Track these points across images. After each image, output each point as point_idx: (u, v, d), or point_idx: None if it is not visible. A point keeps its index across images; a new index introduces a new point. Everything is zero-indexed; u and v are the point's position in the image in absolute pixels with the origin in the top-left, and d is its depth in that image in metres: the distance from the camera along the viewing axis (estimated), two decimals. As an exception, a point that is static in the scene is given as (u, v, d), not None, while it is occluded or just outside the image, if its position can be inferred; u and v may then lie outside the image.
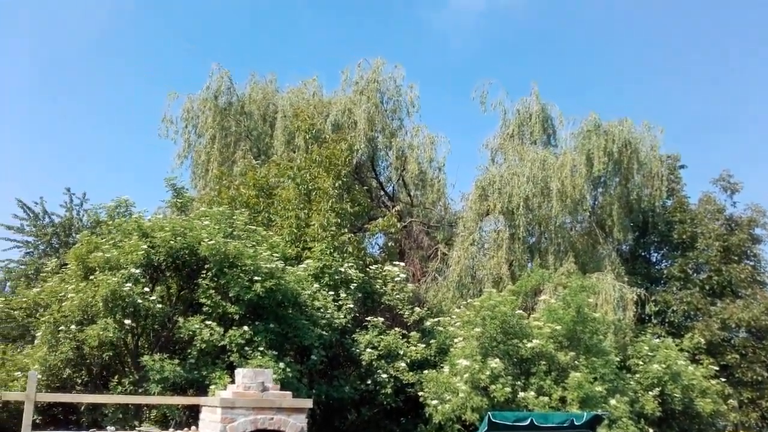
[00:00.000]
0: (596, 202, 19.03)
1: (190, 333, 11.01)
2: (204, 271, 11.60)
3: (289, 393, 8.25)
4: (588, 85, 52.27)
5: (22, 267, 22.16)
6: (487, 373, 11.82)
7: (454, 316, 14.32)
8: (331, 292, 13.62)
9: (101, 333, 10.43)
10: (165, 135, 19.61)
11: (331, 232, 14.66)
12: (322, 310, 12.97)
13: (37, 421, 11.58)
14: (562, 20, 52.73)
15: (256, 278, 11.47)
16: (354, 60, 20.23)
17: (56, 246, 22.30)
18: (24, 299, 12.50)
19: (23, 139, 60.18)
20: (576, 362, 12.34)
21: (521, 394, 11.78)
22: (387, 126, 19.22)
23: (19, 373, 11.66)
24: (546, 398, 11.69)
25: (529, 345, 12.16)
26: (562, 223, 17.37)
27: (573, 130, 18.57)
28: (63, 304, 11.20)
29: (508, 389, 11.58)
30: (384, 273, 15.18)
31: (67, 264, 12.80)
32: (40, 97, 57.43)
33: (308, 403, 8.24)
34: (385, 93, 19.32)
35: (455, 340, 13.39)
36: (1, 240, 22.46)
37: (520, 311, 13.00)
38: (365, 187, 19.12)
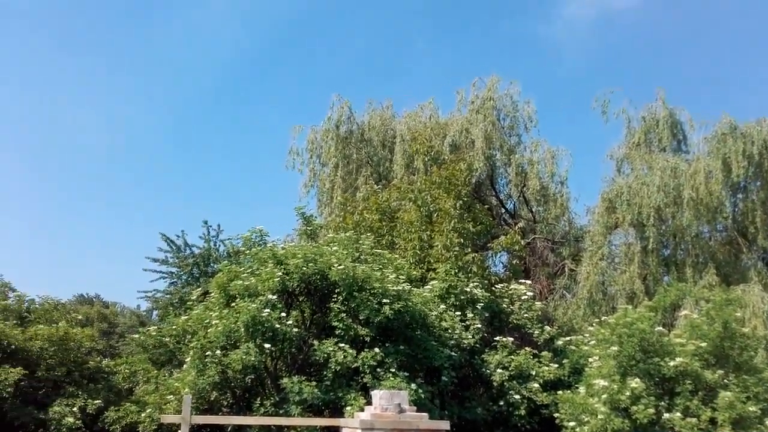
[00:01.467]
0: (736, 209, 17.71)
1: (325, 355, 11.35)
2: (335, 295, 11.96)
3: (425, 414, 8.32)
4: (716, 86, 49.17)
5: (167, 296, 23.88)
6: (627, 393, 11.26)
7: (586, 335, 13.83)
8: (458, 313, 13.60)
9: (244, 357, 10.99)
10: (291, 166, 20.66)
11: (455, 252, 14.68)
12: (449, 331, 12.98)
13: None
14: (679, 20, 50.19)
15: (384, 301, 11.68)
16: (468, 80, 20.38)
17: (197, 275, 23.84)
18: (174, 326, 13.47)
19: (164, 178, 65.24)
20: (725, 381, 11.48)
21: (666, 416, 11.09)
22: (505, 143, 19.09)
23: (171, 396, 12.53)
24: (694, 419, 10.92)
25: (672, 363, 11.45)
26: (699, 233, 16.35)
27: (705, 134, 17.46)
28: (208, 330, 11.92)
29: (651, 410, 10.96)
30: (510, 291, 14.97)
31: (210, 292, 13.67)
32: (175, 140, 62.13)
33: (446, 425, 8.25)
34: (501, 110, 19.24)
35: (590, 360, 12.91)
36: (149, 272, 24.39)
37: (660, 328, 12.33)
38: (486, 206, 19.01)
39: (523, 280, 15.62)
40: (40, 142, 69.46)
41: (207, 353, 11.68)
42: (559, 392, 12.73)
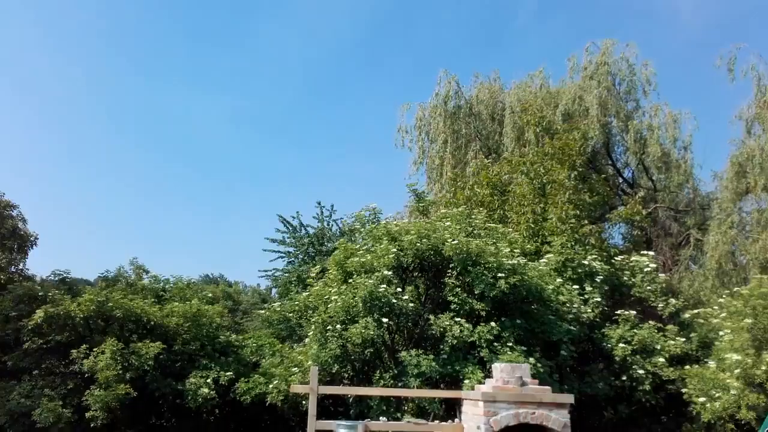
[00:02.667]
0: None
1: (441, 329, 11.44)
2: (449, 270, 12.00)
3: (548, 388, 8.22)
4: None
5: (286, 275, 24.89)
6: (763, 368, 10.60)
7: (715, 307, 13.09)
8: (576, 286, 13.26)
9: (363, 331, 11.30)
10: (400, 144, 20.83)
11: (571, 225, 14.27)
12: (567, 305, 12.69)
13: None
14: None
15: (499, 275, 11.58)
16: (580, 45, 19.60)
17: (312, 254, 24.67)
18: (296, 303, 14.05)
19: (279, 162, 67.73)
20: None
21: (807, 391, 10.37)
22: (621, 109, 18.24)
23: (296, 368, 13.10)
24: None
25: (814, 336, 10.65)
26: None
27: None
28: (328, 306, 12.34)
29: (793, 386, 10.26)
30: (631, 264, 14.38)
31: (327, 269, 14.12)
32: (288, 126, 64.19)
33: (570, 398, 8.11)
34: (617, 75, 18.37)
35: (720, 333, 12.23)
36: (268, 252, 25.52)
37: (800, 299, 11.44)
38: (602, 176, 18.30)
39: (644, 252, 14.95)
40: (162, 131, 74.11)
41: (328, 328, 12.08)
42: (687, 367, 12.19)
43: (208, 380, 12.97)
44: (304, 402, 12.84)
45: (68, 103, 69.73)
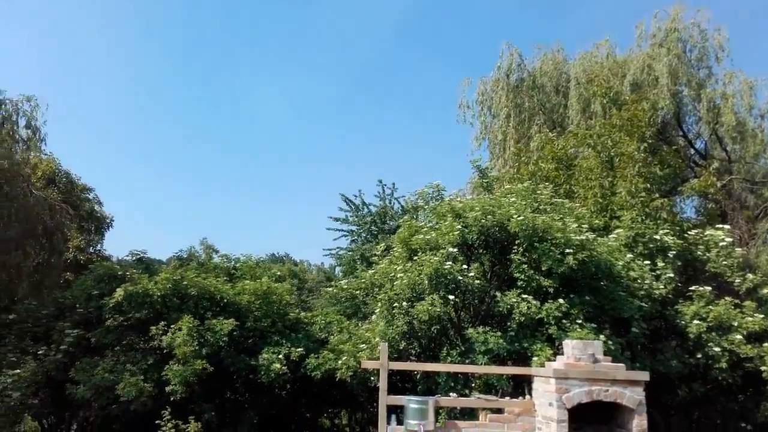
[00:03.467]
0: None
1: (508, 306, 11.38)
2: (515, 247, 11.89)
3: (622, 365, 8.10)
4: None
5: (349, 253, 25.20)
6: None
7: (797, 282, 12.55)
8: (647, 262, 12.92)
9: (429, 308, 11.35)
10: (462, 120, 20.66)
11: (641, 199, 13.88)
12: (638, 281, 12.40)
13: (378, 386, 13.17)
14: None
15: (567, 251, 11.41)
16: (648, 12, 18.82)
17: (375, 233, 24.87)
18: (362, 280, 14.25)
19: (340, 141, 68.24)
20: None
21: None
22: (693, 77, 17.51)
23: (364, 345, 13.32)
24: None
25: None
26: None
27: None
28: (394, 283, 12.45)
29: None
30: (705, 238, 13.90)
31: (392, 247, 14.23)
32: (347, 107, 64.48)
33: (645, 376, 7.97)
34: (688, 41, 17.62)
35: (802, 309, 11.74)
36: (332, 230, 25.88)
37: None
38: (672, 147, 17.67)
39: (719, 225, 14.41)
40: (225, 116, 75.68)
41: (394, 305, 12.20)
42: (765, 345, 11.77)
43: (280, 356, 13.34)
44: (372, 378, 13.06)
45: (139, 87, 72.04)
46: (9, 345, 14.18)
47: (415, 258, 12.52)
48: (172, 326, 13.26)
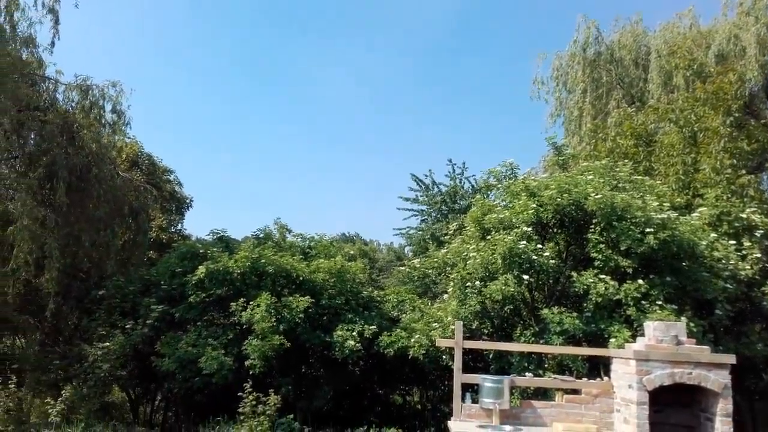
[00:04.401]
0: None
1: (584, 287, 11.16)
2: (592, 226, 11.63)
3: (706, 347, 7.83)
4: None
5: (420, 233, 25.31)
6: None
7: None
8: (732, 242, 12.36)
9: (503, 288, 11.29)
10: (536, 96, 20.27)
11: (726, 175, 13.27)
12: (723, 261, 11.88)
13: (452, 366, 13.25)
14: None
15: (647, 230, 11.06)
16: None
17: (445, 212, 24.88)
18: (435, 259, 14.29)
19: (409, 121, 68.24)
20: None
21: None
22: (783, 47, 16.46)
23: (436, 324, 13.40)
24: None
25: None
26: None
27: None
28: (467, 262, 12.43)
29: None
30: (797, 216, 13.15)
31: (465, 226, 14.18)
32: (417, 85, 64.30)
33: (731, 359, 7.68)
34: (777, 9, 16.54)
35: None
36: (402, 210, 26.03)
37: None
38: (761, 121, 16.73)
39: (815, 203, 13.61)
40: (299, 98, 76.78)
41: (467, 284, 12.19)
42: None
43: (354, 333, 13.59)
44: (444, 356, 13.15)
45: (212, 68, 73.97)
46: (99, 319, 15.02)
47: (488, 237, 12.43)
48: (250, 303, 13.70)
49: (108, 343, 14.08)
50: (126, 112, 16.88)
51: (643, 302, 10.83)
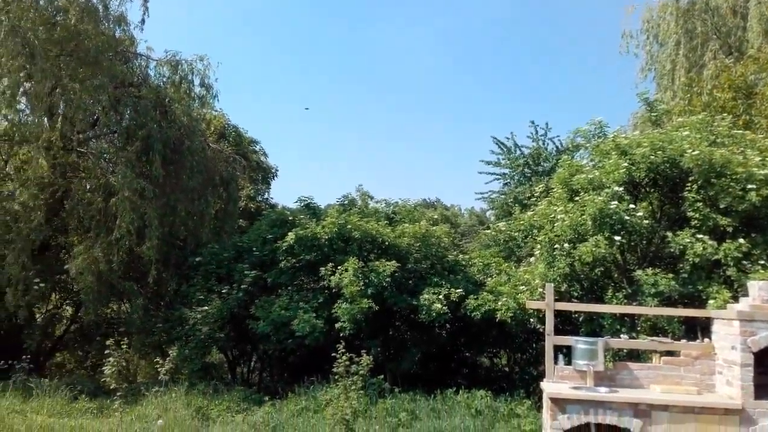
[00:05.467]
0: None
1: (680, 247, 10.78)
2: (688, 184, 11.16)
3: (817, 308, 7.44)
4: None
5: (502, 196, 24.93)
6: None
7: None
8: None
9: (594, 249, 11.05)
10: (625, 51, 19.47)
11: None
12: (832, 218, 11.17)
13: (540, 329, 13.16)
14: None
15: (749, 186, 10.52)
16: None
17: (528, 175, 24.34)
18: (521, 222, 14.12)
19: (490, 83, 67.05)
20: None
21: None
22: None
23: (523, 287, 13.30)
24: None
25: None
26: None
27: None
28: (554, 224, 12.21)
29: None
30: None
31: (551, 188, 13.91)
32: (496, 47, 62.81)
33: None
34: None
35: None
36: (483, 174, 25.69)
37: None
38: None
39: None
40: (380, 61, 76.74)
41: (555, 246, 12.00)
42: None
43: (440, 296, 13.69)
44: (531, 319, 13.07)
45: (292, 33, 74.93)
46: (197, 285, 15.79)
47: (577, 198, 12.17)
48: (338, 268, 14.03)
49: (206, 307, 14.80)
50: (213, 85, 17.44)
51: (744, 262, 10.39)
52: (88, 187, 16.14)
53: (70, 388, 12.42)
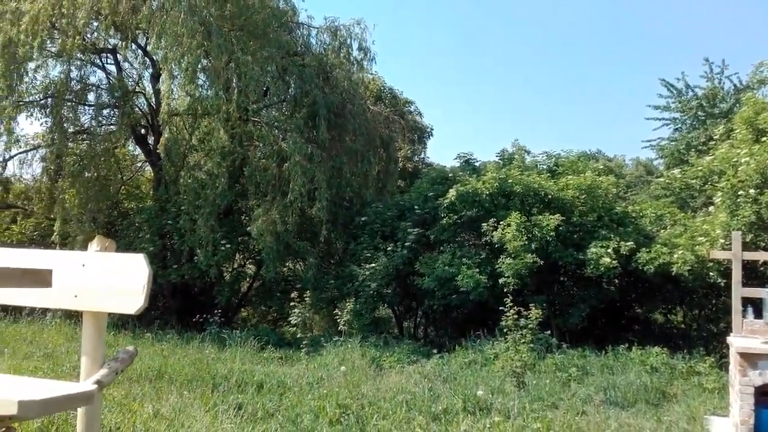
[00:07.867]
0: None
1: None
2: None
3: None
4: None
5: (673, 143, 23.24)
6: None
7: None
8: None
9: (785, 195, 10.09)
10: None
11: None
12: None
13: (721, 283, 12.27)
14: None
15: None
16: None
17: (702, 118, 22.45)
18: (699, 168, 13.15)
19: (656, 19, 62.15)
20: None
21: None
22: None
23: (702, 238, 12.45)
24: None
25: None
26: None
27: None
28: (739, 169, 11.26)
29: None
30: None
31: (733, 129, 12.77)
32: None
33: None
34: None
35: None
36: (651, 120, 24.08)
37: None
38: None
39: None
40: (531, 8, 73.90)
41: (739, 193, 11.11)
42: None
43: (609, 250, 13.17)
44: (711, 273, 12.25)
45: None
46: (363, 243, 16.48)
47: (764, 139, 11.13)
48: (500, 223, 13.97)
49: (373, 264, 15.44)
50: (371, 48, 17.85)
51: None
52: (262, 154, 17.32)
53: (257, 339, 13.62)
